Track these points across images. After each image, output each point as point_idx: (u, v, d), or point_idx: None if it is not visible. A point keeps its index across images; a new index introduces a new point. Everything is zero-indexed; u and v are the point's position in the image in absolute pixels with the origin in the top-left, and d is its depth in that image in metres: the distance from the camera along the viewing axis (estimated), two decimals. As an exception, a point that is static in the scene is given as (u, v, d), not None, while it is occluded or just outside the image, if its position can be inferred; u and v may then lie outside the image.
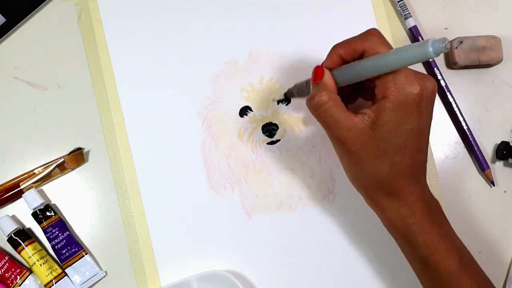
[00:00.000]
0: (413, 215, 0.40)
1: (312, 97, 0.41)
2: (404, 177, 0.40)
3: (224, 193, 0.53)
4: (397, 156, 0.39)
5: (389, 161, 0.39)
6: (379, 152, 0.39)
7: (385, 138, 0.38)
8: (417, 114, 0.38)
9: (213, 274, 0.51)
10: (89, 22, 0.54)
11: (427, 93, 0.39)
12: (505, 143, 0.55)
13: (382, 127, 0.38)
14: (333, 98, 0.40)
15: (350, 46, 0.40)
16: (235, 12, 0.56)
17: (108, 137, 0.53)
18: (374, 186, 0.41)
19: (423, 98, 0.38)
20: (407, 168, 0.40)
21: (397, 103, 0.38)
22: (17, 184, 0.51)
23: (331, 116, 0.40)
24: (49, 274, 0.50)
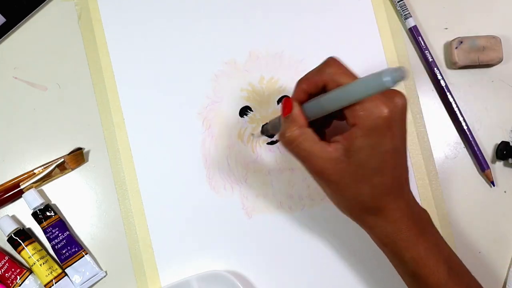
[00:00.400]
0: (399, 231, 0.40)
1: (283, 132, 0.41)
2: (385, 195, 0.40)
3: (224, 193, 0.53)
4: (376, 178, 0.39)
5: (369, 184, 0.39)
6: (357, 177, 0.39)
7: (361, 164, 0.38)
8: (389, 136, 0.38)
9: (213, 274, 0.51)
10: (89, 22, 0.54)
11: (397, 112, 0.38)
12: (505, 143, 0.55)
13: (356, 153, 0.38)
14: (305, 132, 0.40)
15: (311, 80, 0.40)
16: (235, 12, 0.56)
17: (108, 137, 0.53)
18: (358, 209, 0.41)
19: (393, 119, 0.38)
20: (388, 187, 0.39)
21: (367, 129, 0.37)
22: (17, 184, 0.51)
23: (304, 150, 0.40)
24: (49, 274, 0.50)
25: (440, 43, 0.57)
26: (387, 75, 0.33)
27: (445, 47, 0.57)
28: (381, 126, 0.37)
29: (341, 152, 0.39)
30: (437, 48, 0.57)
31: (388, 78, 0.33)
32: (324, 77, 0.39)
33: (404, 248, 0.41)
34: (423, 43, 0.56)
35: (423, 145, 0.55)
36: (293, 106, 0.41)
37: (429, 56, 0.56)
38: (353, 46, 0.56)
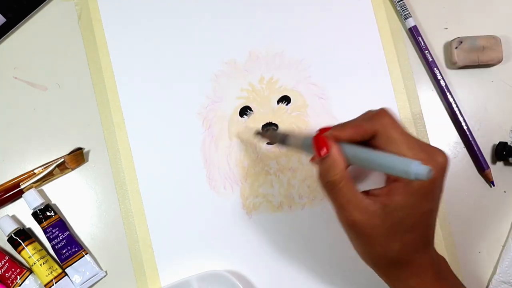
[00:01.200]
0: (422, 284, 0.40)
1: (324, 174, 0.39)
2: (414, 252, 0.39)
3: (224, 193, 0.53)
4: (408, 235, 0.38)
5: (400, 241, 0.38)
6: (390, 234, 0.38)
7: (397, 222, 0.38)
8: (431, 198, 0.38)
9: (213, 274, 0.51)
10: (89, 22, 0.54)
11: (440, 173, 0.38)
12: (503, 144, 0.55)
13: (395, 211, 0.37)
14: (346, 177, 0.38)
15: (360, 128, 0.39)
16: (235, 12, 0.56)
17: (108, 137, 0.53)
18: (384, 263, 0.41)
19: (436, 182, 0.37)
20: (417, 244, 0.39)
21: (410, 188, 0.37)
22: (17, 184, 0.51)
23: (343, 197, 0.38)
24: (49, 274, 0.50)
25: (440, 43, 0.57)
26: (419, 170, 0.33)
27: (445, 47, 0.57)
28: (426, 187, 0.37)
29: (378, 207, 0.38)
30: (437, 48, 0.57)
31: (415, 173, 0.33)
32: (376, 127, 0.38)
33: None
34: (423, 43, 0.56)
35: (423, 145, 0.55)
36: (331, 146, 0.38)
37: (429, 56, 0.56)
38: (353, 46, 0.56)
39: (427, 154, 0.37)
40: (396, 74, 0.56)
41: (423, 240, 0.40)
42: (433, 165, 0.37)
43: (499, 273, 0.54)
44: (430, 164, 0.36)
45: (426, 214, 0.38)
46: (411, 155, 0.37)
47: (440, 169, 0.38)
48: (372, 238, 0.39)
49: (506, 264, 0.54)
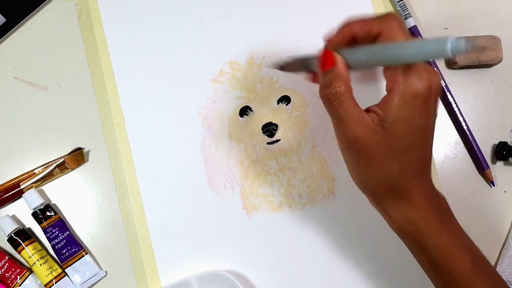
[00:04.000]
0: (422, 217, 0.39)
1: (326, 85, 0.37)
2: (413, 177, 0.38)
3: (224, 193, 0.53)
4: (407, 155, 0.37)
5: (399, 162, 0.37)
6: (389, 153, 0.37)
7: (395, 138, 0.37)
8: (425, 111, 0.37)
9: (213, 274, 0.51)
10: (89, 22, 0.54)
11: (435, 88, 0.37)
12: (502, 143, 0.55)
13: (392, 125, 0.36)
14: (349, 90, 0.37)
15: (367, 25, 0.37)
16: (235, 12, 0.56)
17: (108, 137, 0.53)
18: (383, 188, 0.39)
19: (431, 94, 0.36)
20: (415, 167, 0.38)
21: (406, 99, 0.36)
22: (17, 184, 0.51)
23: (344, 110, 0.37)
24: (49, 274, 0.50)
25: (440, 43, 0.57)
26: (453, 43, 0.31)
27: (445, 47, 0.57)
28: (420, 99, 0.36)
29: (376, 123, 0.37)
30: (437, 48, 0.57)
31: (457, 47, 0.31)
32: (384, 27, 0.37)
33: (427, 236, 0.39)
34: (423, 43, 0.56)
35: (423, 145, 0.55)
36: (337, 60, 0.38)
37: (429, 56, 0.56)
38: (353, 46, 0.56)
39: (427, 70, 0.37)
40: (396, 74, 0.56)
41: (422, 164, 0.38)
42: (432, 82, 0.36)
43: (499, 272, 0.54)
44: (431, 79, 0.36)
45: (421, 130, 0.37)
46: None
47: (436, 87, 0.37)
48: (371, 158, 0.38)
49: (506, 263, 0.54)
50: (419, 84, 0.36)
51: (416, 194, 0.39)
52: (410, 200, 0.39)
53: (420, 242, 0.40)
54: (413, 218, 0.39)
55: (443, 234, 0.39)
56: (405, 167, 0.38)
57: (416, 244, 0.40)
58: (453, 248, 0.39)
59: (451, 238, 0.39)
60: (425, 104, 0.36)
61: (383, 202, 0.40)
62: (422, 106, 0.36)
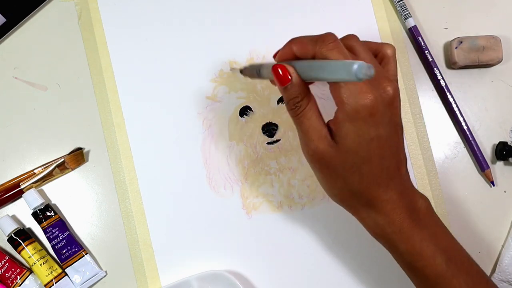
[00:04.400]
0: (391, 223, 0.40)
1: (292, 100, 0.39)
2: (375, 186, 0.39)
3: (224, 193, 0.53)
4: (365, 166, 0.38)
5: (358, 173, 0.39)
6: (346, 165, 0.38)
7: (348, 151, 0.38)
8: (373, 124, 0.37)
9: (213, 274, 0.51)
10: (89, 22, 0.54)
11: (383, 100, 0.37)
12: (503, 143, 0.55)
13: (343, 139, 0.38)
14: (312, 101, 0.39)
15: (303, 46, 0.39)
16: (235, 12, 0.56)
17: (108, 137, 0.53)
18: (349, 198, 0.40)
19: (376, 107, 0.37)
20: (377, 177, 0.39)
21: (349, 114, 0.37)
22: (17, 184, 0.51)
23: (307, 121, 0.39)
24: (49, 274, 0.50)
25: (440, 43, 0.57)
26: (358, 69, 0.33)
27: (445, 47, 0.57)
28: (364, 112, 0.37)
29: (331, 137, 0.38)
30: (437, 48, 0.57)
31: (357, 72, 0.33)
32: (317, 47, 0.38)
33: (398, 241, 0.40)
34: (423, 43, 0.56)
35: (423, 145, 0.55)
36: (291, 73, 0.39)
37: (429, 56, 0.56)
38: (353, 46, 0.56)
39: (373, 82, 0.37)
40: (396, 74, 0.56)
41: (383, 173, 0.39)
42: (377, 93, 0.37)
43: (498, 272, 0.54)
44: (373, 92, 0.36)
45: (374, 141, 0.38)
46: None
47: (386, 97, 0.38)
48: (332, 170, 0.39)
49: (506, 263, 0.54)
50: (361, 100, 0.36)
51: (382, 201, 0.40)
52: (377, 207, 0.40)
53: (391, 246, 0.41)
54: (382, 224, 0.40)
55: (413, 239, 0.40)
56: (365, 177, 0.39)
57: (389, 248, 0.41)
58: (425, 251, 0.40)
59: (424, 241, 0.40)
60: (370, 117, 0.37)
61: (354, 210, 0.41)
62: (367, 119, 0.37)
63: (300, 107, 0.39)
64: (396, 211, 0.40)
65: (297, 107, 0.39)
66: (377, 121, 0.37)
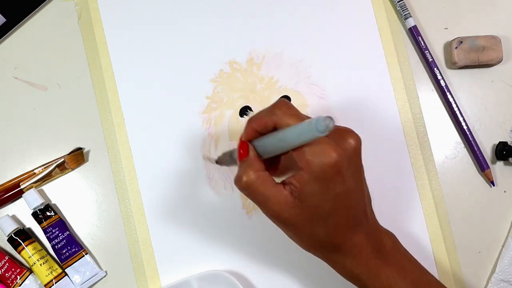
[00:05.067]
0: (358, 265, 0.41)
1: (239, 177, 0.40)
2: (341, 235, 0.40)
3: (224, 193, 0.53)
4: (330, 219, 0.39)
5: (323, 226, 0.39)
6: (312, 220, 0.39)
7: (313, 208, 0.38)
8: (339, 180, 0.37)
9: (213, 274, 0.51)
10: (89, 22, 0.54)
11: (347, 154, 0.38)
12: (503, 143, 0.55)
13: (308, 198, 0.38)
14: (261, 176, 0.39)
15: (262, 120, 0.40)
16: (235, 12, 0.56)
17: (108, 137, 0.53)
18: (318, 247, 0.42)
19: (342, 163, 0.37)
20: (343, 226, 0.39)
21: (314, 175, 0.37)
22: (17, 184, 0.51)
23: (260, 194, 0.39)
24: (49, 274, 0.50)
25: (440, 43, 0.57)
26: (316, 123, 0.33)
27: (445, 47, 0.57)
28: (329, 172, 0.37)
29: (295, 195, 0.38)
30: (437, 48, 0.57)
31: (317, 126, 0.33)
32: (274, 118, 0.39)
33: (367, 280, 0.41)
34: (423, 43, 0.56)
35: (423, 145, 0.55)
36: (249, 149, 0.40)
37: (429, 56, 0.56)
38: (353, 46, 0.56)
39: (334, 138, 0.37)
40: (396, 74, 0.56)
41: (349, 221, 0.40)
42: (340, 150, 0.37)
43: (498, 271, 0.54)
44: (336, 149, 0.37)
45: (340, 196, 0.38)
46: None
47: (349, 152, 0.38)
48: (297, 227, 0.40)
49: (506, 263, 0.54)
50: (325, 159, 0.36)
51: (350, 247, 0.40)
52: (344, 252, 0.41)
53: (363, 286, 0.42)
54: (350, 267, 0.41)
55: (382, 277, 0.41)
56: (331, 229, 0.39)
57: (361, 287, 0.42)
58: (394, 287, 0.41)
59: (391, 279, 0.41)
60: (336, 175, 0.37)
61: (324, 256, 0.42)
62: (333, 177, 0.37)
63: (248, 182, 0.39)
64: (362, 254, 0.41)
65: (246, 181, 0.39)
66: (343, 177, 0.37)
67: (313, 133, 0.34)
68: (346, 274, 0.42)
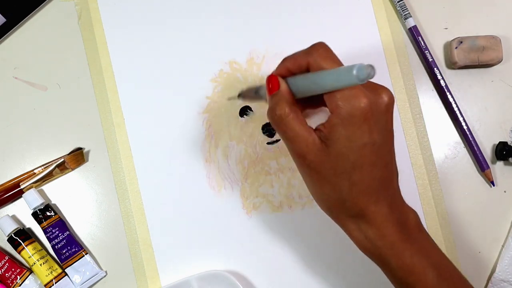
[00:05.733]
0: (382, 237, 0.39)
1: (272, 108, 0.39)
2: (365, 195, 0.38)
3: (224, 193, 0.53)
4: (355, 174, 0.37)
5: (348, 180, 0.38)
6: (337, 170, 0.38)
7: (340, 155, 0.37)
8: (366, 129, 0.37)
9: (213, 274, 0.51)
10: (89, 22, 0.54)
11: (378, 107, 0.37)
12: (503, 143, 0.55)
13: (334, 143, 0.37)
14: (294, 110, 0.39)
15: (297, 60, 0.40)
16: (235, 12, 0.56)
17: (108, 137, 0.53)
18: (338, 206, 0.39)
19: (371, 112, 0.36)
20: (367, 185, 0.38)
21: (343, 118, 0.36)
22: (17, 184, 0.51)
23: (292, 130, 0.39)
24: (49, 274, 0.50)
25: (440, 43, 0.57)
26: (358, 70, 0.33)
27: (445, 47, 0.57)
28: (358, 116, 0.36)
29: (323, 140, 0.38)
30: (437, 48, 0.57)
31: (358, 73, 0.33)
32: (309, 59, 0.38)
33: (389, 256, 0.39)
34: (423, 43, 0.56)
35: (423, 145, 0.55)
36: (280, 82, 0.40)
37: (429, 56, 0.56)
38: (353, 46, 0.56)
39: (369, 88, 0.37)
40: (396, 74, 0.56)
41: (374, 183, 0.38)
42: (373, 99, 0.37)
43: (499, 271, 0.54)
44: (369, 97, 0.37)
45: (367, 148, 0.37)
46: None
47: (381, 105, 0.38)
48: (321, 175, 0.38)
49: (506, 263, 0.54)
50: (356, 103, 0.36)
51: (373, 213, 0.38)
52: (367, 219, 0.39)
53: (382, 261, 0.40)
54: (372, 237, 0.39)
55: (405, 254, 0.39)
56: (355, 186, 0.38)
57: (379, 263, 0.40)
58: (417, 267, 0.39)
59: (415, 257, 0.39)
60: (364, 122, 0.37)
61: (342, 220, 0.40)
62: (361, 124, 0.36)
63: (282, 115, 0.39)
64: (387, 225, 0.39)
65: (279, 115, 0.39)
66: (371, 126, 0.37)
67: (352, 80, 0.34)
68: (365, 245, 0.40)
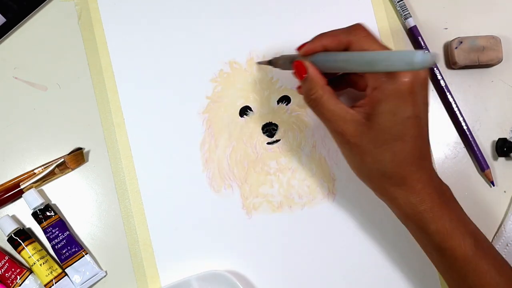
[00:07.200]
0: (423, 202, 0.40)
1: (306, 94, 0.42)
2: (407, 164, 0.40)
3: (224, 193, 0.53)
4: (397, 145, 0.39)
5: (390, 151, 0.39)
6: (378, 142, 0.39)
7: (382, 128, 0.39)
8: (411, 102, 0.38)
9: (213, 274, 0.51)
10: (89, 22, 0.54)
11: (419, 79, 0.39)
12: (503, 140, 0.55)
13: (377, 117, 0.39)
14: (328, 91, 0.41)
15: (336, 37, 0.41)
16: (235, 12, 0.56)
17: (108, 137, 0.53)
18: (379, 176, 0.41)
19: (415, 85, 0.38)
20: (409, 155, 0.40)
21: (389, 93, 0.38)
22: (17, 184, 0.51)
23: (328, 110, 0.41)
24: (49, 274, 0.50)
25: (440, 43, 0.57)
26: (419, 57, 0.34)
27: (445, 47, 0.57)
28: (404, 90, 0.38)
29: (362, 115, 0.39)
30: (437, 48, 0.57)
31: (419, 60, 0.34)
32: (351, 38, 0.40)
33: (429, 220, 0.40)
34: (423, 43, 0.56)
35: (423, 145, 0.55)
36: (306, 67, 0.42)
37: (429, 56, 0.56)
38: (353, 46, 0.56)
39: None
40: (396, 74, 0.56)
41: (416, 152, 0.40)
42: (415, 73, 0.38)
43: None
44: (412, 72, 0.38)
45: (411, 120, 0.39)
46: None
47: (421, 78, 0.39)
48: (361, 148, 0.40)
49: (508, 229, 0.54)
50: (401, 78, 0.38)
51: (414, 180, 0.40)
52: (409, 186, 0.40)
53: (421, 226, 0.41)
54: (414, 202, 0.40)
55: (444, 219, 0.40)
56: (397, 155, 0.39)
57: (418, 228, 0.41)
58: (455, 232, 0.40)
59: (453, 222, 0.40)
60: (410, 95, 0.38)
61: (383, 189, 0.42)
62: (406, 97, 0.38)
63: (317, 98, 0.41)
64: (427, 190, 0.40)
65: (314, 99, 0.41)
66: (415, 100, 0.38)
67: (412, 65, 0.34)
68: (406, 211, 0.41)
